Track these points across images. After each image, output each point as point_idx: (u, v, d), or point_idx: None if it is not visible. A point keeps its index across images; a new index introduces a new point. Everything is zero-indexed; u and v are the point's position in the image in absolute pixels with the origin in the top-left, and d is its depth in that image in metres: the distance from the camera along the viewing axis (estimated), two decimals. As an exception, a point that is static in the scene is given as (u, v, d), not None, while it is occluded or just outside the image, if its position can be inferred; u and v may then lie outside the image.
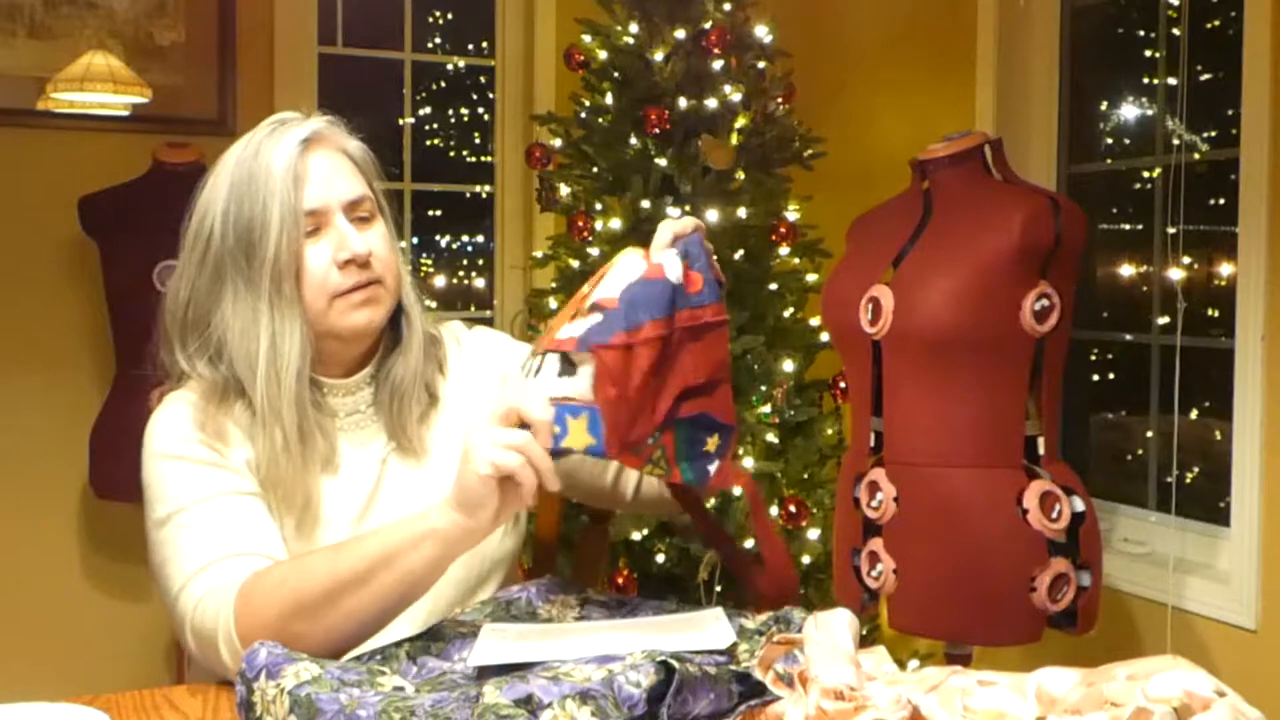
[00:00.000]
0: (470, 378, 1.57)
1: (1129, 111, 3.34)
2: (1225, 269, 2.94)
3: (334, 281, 1.41)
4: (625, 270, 1.28)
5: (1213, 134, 2.95)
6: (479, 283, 4.26)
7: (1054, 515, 2.38)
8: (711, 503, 2.97)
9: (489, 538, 1.29)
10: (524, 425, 1.21)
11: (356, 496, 1.46)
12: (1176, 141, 2.90)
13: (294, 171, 1.40)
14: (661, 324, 1.25)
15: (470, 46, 4.18)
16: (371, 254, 1.43)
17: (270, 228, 1.38)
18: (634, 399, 1.23)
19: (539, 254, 3.37)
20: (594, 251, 3.06)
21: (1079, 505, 2.43)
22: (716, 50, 3.07)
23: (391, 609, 1.28)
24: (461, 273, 4.33)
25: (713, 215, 3.02)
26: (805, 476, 3.07)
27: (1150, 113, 3.22)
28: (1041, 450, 2.48)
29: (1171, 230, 2.86)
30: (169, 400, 1.44)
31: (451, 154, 4.33)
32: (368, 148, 1.51)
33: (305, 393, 1.41)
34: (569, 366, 1.24)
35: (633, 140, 3.10)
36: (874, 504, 2.50)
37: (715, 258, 1.33)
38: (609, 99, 3.17)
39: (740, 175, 3.12)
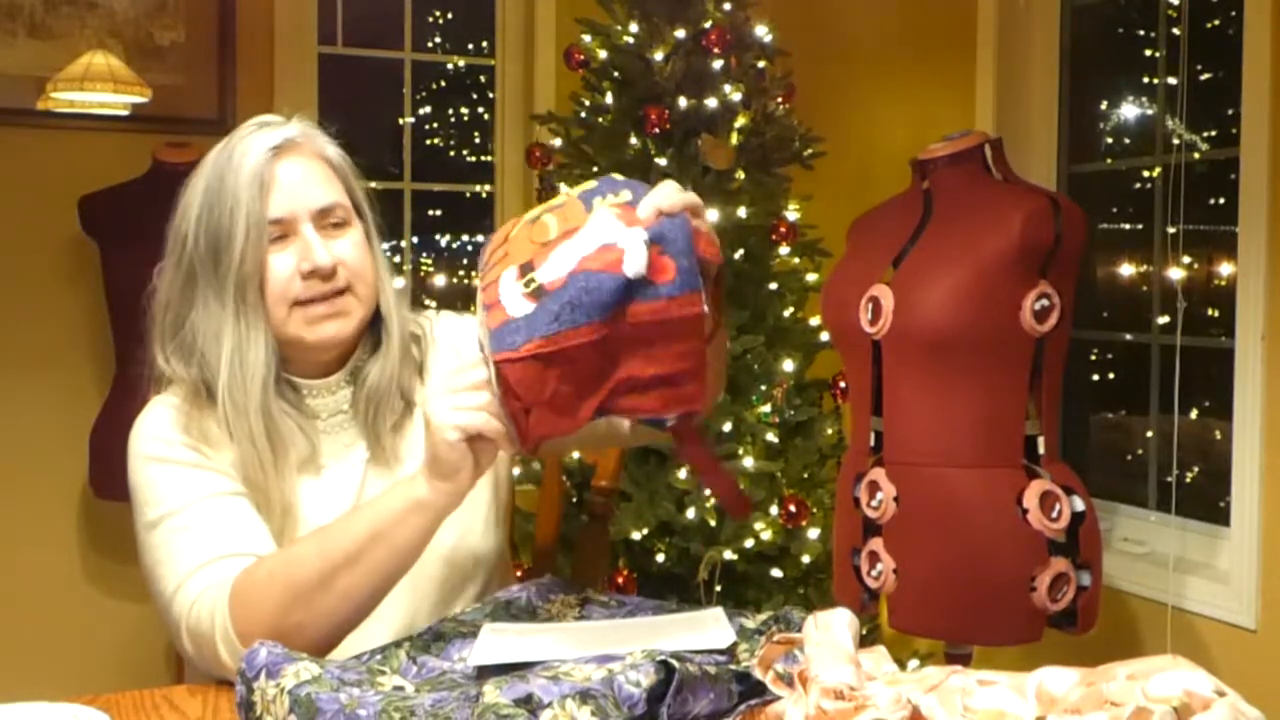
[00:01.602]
0: (441, 373, 1.55)
1: (1129, 111, 3.34)
2: (1225, 269, 2.94)
3: (295, 290, 1.40)
4: (591, 237, 1.14)
5: (1213, 134, 2.95)
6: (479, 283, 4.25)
7: (1054, 515, 2.38)
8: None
9: (470, 532, 1.42)
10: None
11: (341, 499, 1.45)
12: (1176, 141, 2.90)
13: (260, 179, 1.39)
14: (603, 326, 1.11)
15: (470, 46, 4.18)
16: (340, 264, 1.41)
17: (236, 235, 1.38)
18: (550, 402, 1.13)
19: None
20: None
21: (1079, 505, 2.43)
22: (716, 50, 3.07)
23: (385, 584, 1.29)
24: (461, 272, 4.33)
25: (713, 215, 3.02)
26: (805, 476, 3.07)
27: (1150, 112, 3.22)
28: (1041, 450, 2.48)
29: (1171, 230, 2.86)
30: (152, 404, 1.44)
31: (451, 154, 4.33)
32: (345, 152, 1.49)
33: (272, 401, 1.40)
34: None
35: (633, 140, 3.10)
36: (874, 504, 2.50)
37: (710, 237, 1.17)
38: (609, 99, 3.17)
39: (740, 175, 3.12)
